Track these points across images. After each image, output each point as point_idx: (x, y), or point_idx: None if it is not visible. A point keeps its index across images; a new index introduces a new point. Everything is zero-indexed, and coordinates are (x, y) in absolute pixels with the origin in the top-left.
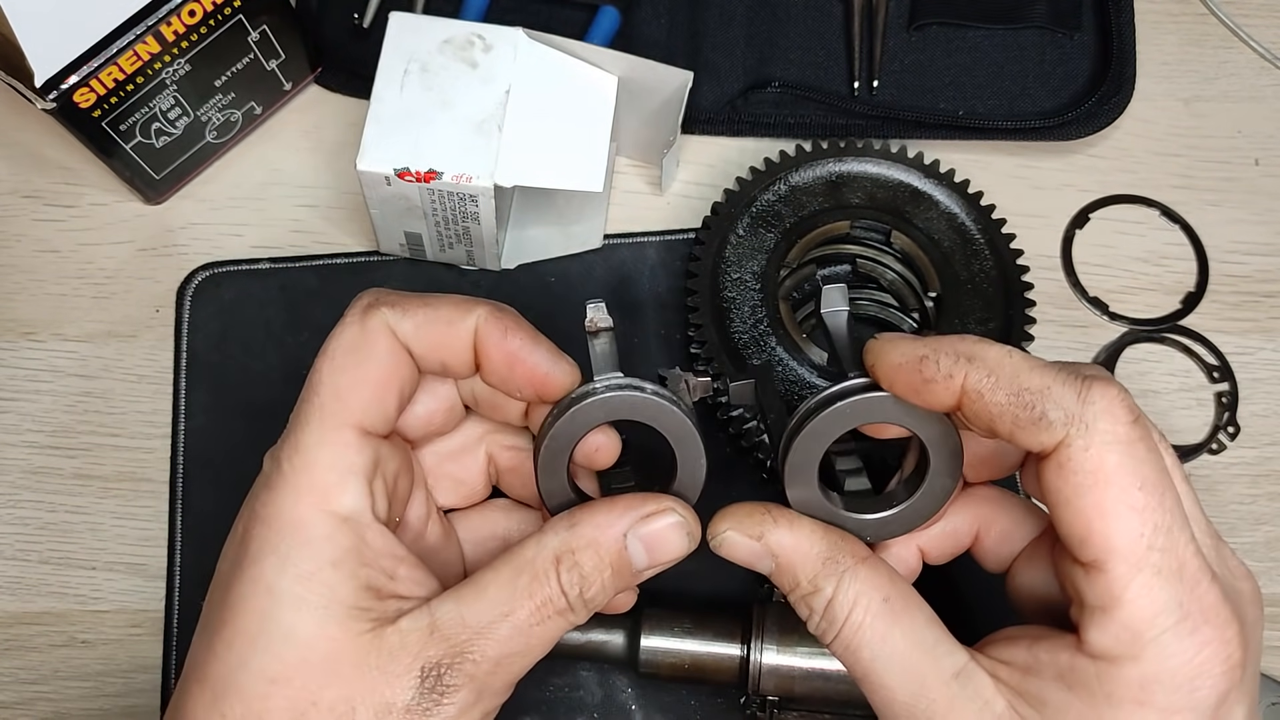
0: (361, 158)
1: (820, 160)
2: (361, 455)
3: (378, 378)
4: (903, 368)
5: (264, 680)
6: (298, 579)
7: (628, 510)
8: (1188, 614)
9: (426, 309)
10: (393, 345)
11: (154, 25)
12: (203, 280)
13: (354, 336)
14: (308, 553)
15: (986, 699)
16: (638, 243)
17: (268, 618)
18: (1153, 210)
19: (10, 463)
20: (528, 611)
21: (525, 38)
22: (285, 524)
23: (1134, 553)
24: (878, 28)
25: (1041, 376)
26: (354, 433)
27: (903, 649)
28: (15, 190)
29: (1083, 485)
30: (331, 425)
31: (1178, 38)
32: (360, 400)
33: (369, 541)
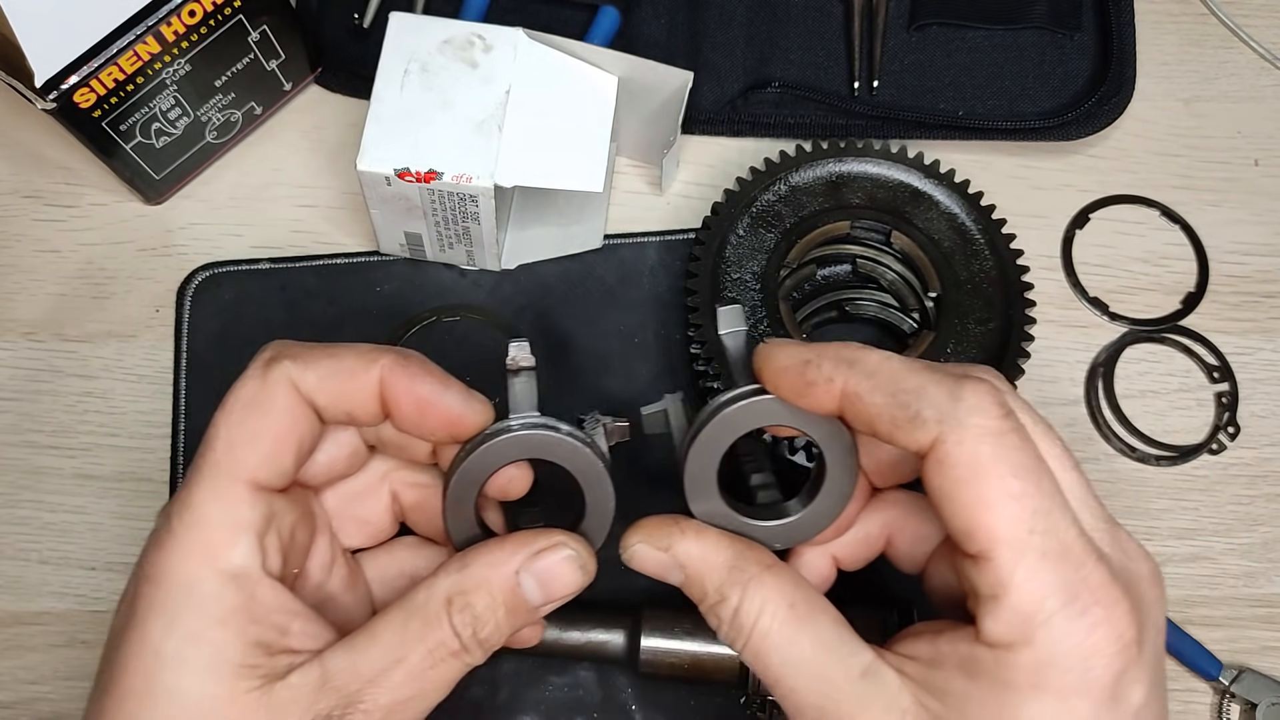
0: (362, 158)
1: (820, 160)
2: (254, 511)
3: (275, 433)
4: (787, 371)
5: None
6: (184, 639)
7: (519, 548)
8: (1075, 595)
9: (330, 360)
10: (293, 399)
11: (154, 25)
12: (203, 280)
13: (253, 390)
14: (194, 612)
15: (892, 694)
16: (638, 243)
17: (153, 679)
18: (1153, 210)
19: (10, 462)
20: (420, 656)
21: (525, 38)
22: (172, 583)
23: (1016, 538)
24: (878, 28)
25: (917, 378)
26: (246, 489)
27: (810, 652)
28: (15, 190)
29: (960, 479)
30: (224, 481)
31: (1178, 38)
32: (255, 456)
33: (259, 598)
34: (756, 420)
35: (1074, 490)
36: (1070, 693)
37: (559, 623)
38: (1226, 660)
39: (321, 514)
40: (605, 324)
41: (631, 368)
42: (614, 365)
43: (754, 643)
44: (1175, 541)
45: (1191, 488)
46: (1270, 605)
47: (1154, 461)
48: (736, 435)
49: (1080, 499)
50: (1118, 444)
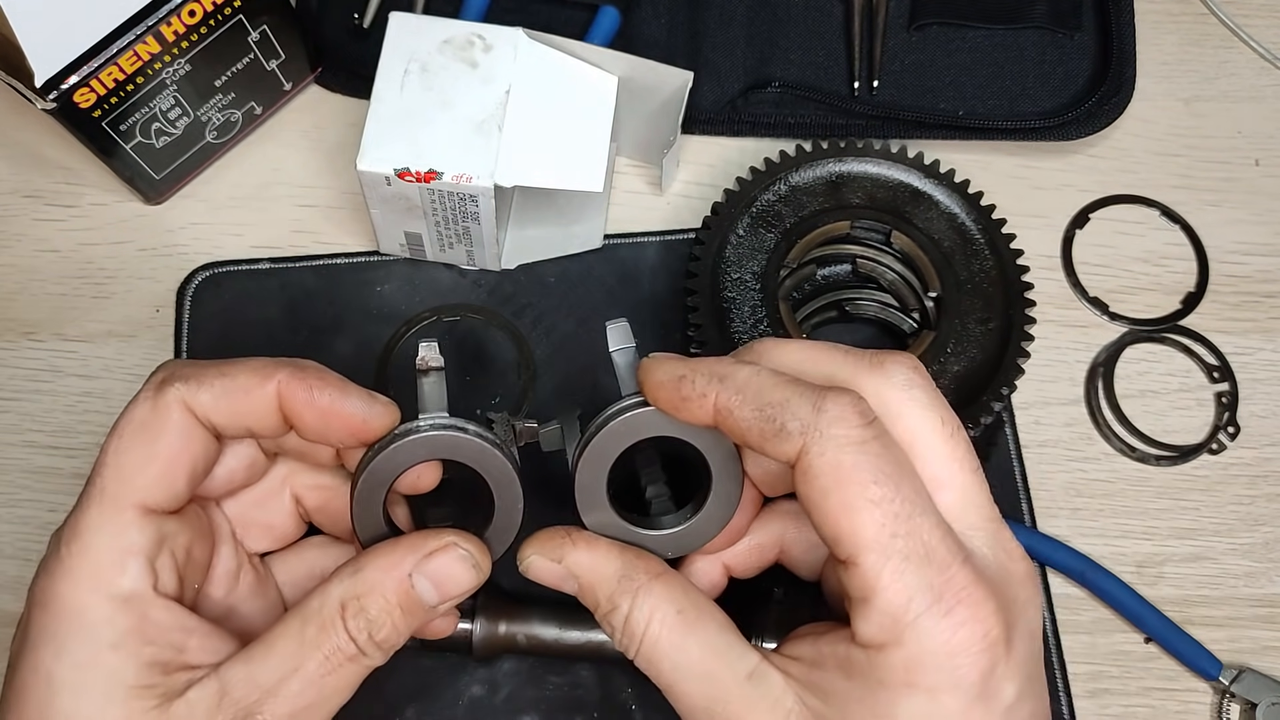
0: (361, 158)
1: (820, 160)
2: (142, 535)
3: (166, 456)
4: (663, 386)
5: None
6: (74, 666)
7: (411, 550)
8: (940, 596)
9: (223, 379)
10: (185, 421)
11: (154, 25)
12: (203, 280)
13: (144, 414)
14: (84, 638)
15: (777, 695)
16: (638, 243)
17: (47, 706)
18: (1153, 210)
19: (10, 462)
20: (317, 663)
21: (525, 38)
22: (62, 610)
23: (879, 542)
24: (878, 28)
25: (782, 391)
26: (135, 513)
27: (697, 656)
28: (16, 190)
29: (825, 488)
30: (111, 507)
31: (1178, 38)
32: (144, 480)
33: (152, 618)
34: (641, 431)
35: (964, 490)
36: (940, 690)
37: (559, 622)
38: (1226, 660)
39: (224, 523)
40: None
41: None
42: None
43: (645, 649)
44: (1175, 541)
45: (1191, 488)
46: (1270, 605)
47: (1154, 461)
48: (623, 446)
49: (967, 499)
50: (1118, 444)
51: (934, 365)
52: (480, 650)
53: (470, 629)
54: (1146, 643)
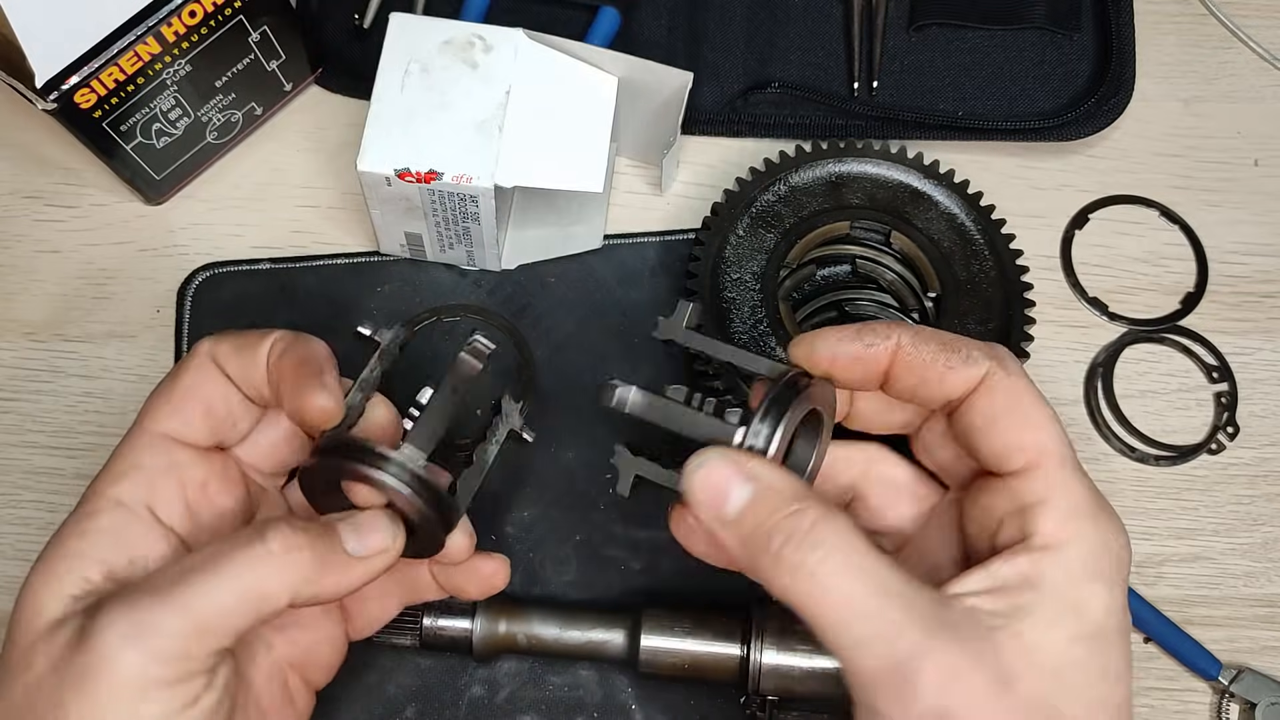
0: (362, 158)
1: (820, 161)
2: (151, 455)
3: (182, 390)
4: (843, 340)
5: None
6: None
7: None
8: (1097, 498)
9: (239, 336)
10: (205, 368)
11: (155, 26)
12: (203, 281)
13: (178, 364)
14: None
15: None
16: (638, 243)
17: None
18: (1152, 211)
19: (11, 463)
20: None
21: (525, 38)
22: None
23: (1060, 451)
24: (877, 28)
25: (952, 334)
26: (149, 436)
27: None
28: (16, 191)
29: (1010, 405)
30: (134, 431)
31: (1177, 38)
32: (160, 408)
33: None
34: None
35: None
36: (1115, 581)
37: (559, 622)
38: (1226, 660)
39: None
40: (605, 324)
41: (632, 368)
42: (614, 365)
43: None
44: (1175, 541)
45: (1191, 488)
46: (1270, 605)
47: (1153, 461)
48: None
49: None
50: (1117, 444)
51: None
52: (480, 650)
53: (470, 629)
54: (1146, 643)
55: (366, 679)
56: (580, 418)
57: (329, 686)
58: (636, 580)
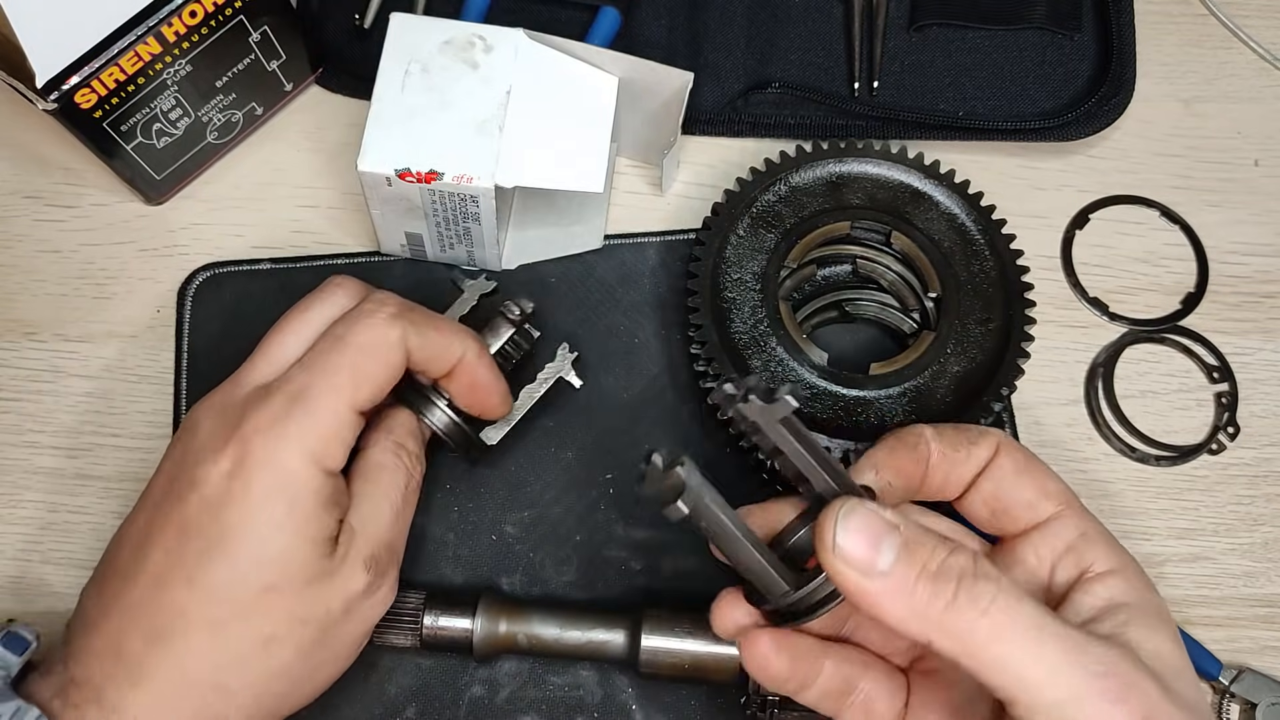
0: (362, 158)
1: (820, 161)
2: (353, 431)
3: (386, 378)
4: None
5: (259, 587)
6: (285, 513)
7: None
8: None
9: (435, 333)
10: (402, 355)
11: (155, 26)
12: (204, 280)
13: (380, 336)
14: (296, 496)
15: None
16: (638, 243)
17: (267, 542)
18: (1152, 211)
19: (11, 463)
20: (397, 491)
21: (526, 39)
22: (281, 470)
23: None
24: (878, 28)
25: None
26: (353, 413)
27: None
28: (17, 191)
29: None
30: (342, 402)
31: (1178, 38)
32: (369, 392)
33: (337, 491)
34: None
35: None
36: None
37: (559, 622)
38: (1226, 660)
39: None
40: (605, 324)
41: (631, 368)
42: (614, 365)
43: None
44: (1175, 541)
45: (1191, 488)
46: (1270, 605)
47: (1154, 462)
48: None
49: None
50: (1117, 444)
51: (934, 365)
52: (480, 650)
53: (471, 629)
54: None
55: (367, 679)
56: (580, 418)
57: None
58: (637, 580)
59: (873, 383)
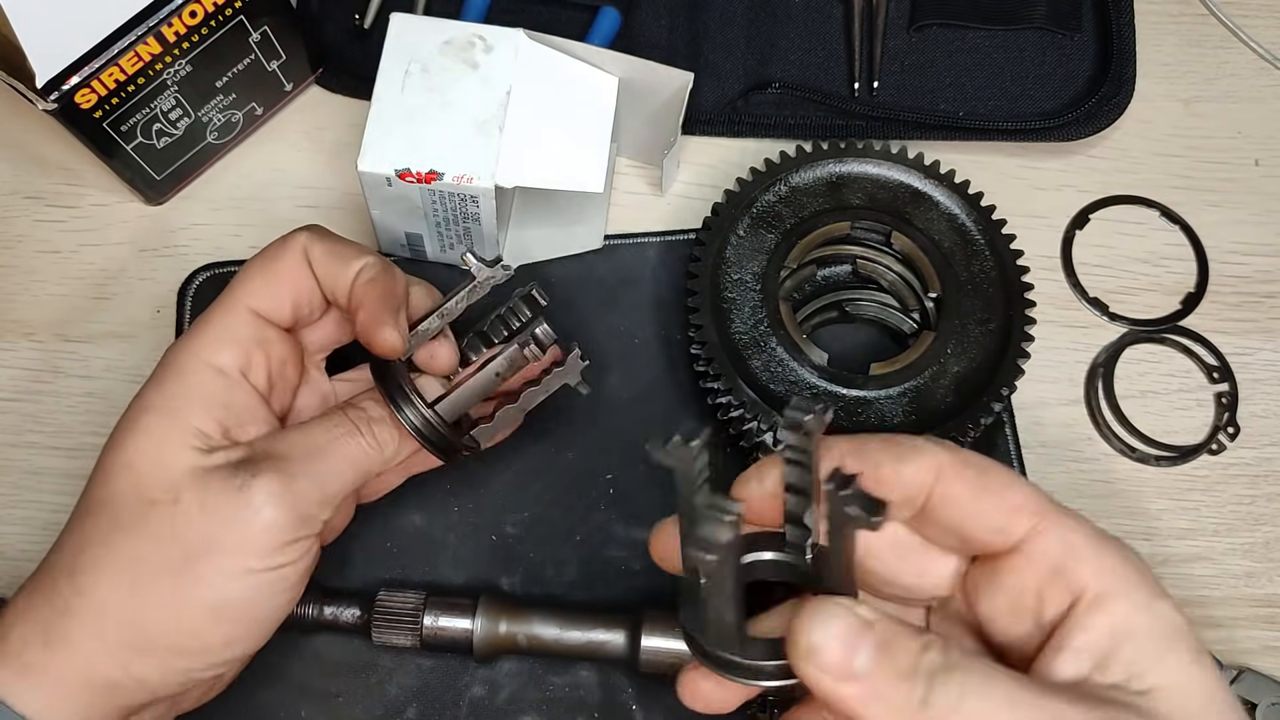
0: (362, 158)
1: (820, 161)
2: (246, 329)
3: (276, 275)
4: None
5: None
6: (164, 402)
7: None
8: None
9: (334, 243)
10: (299, 259)
11: (155, 26)
12: (204, 281)
13: (274, 248)
14: (179, 387)
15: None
16: (638, 243)
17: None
18: (1152, 211)
19: (11, 463)
20: (322, 429)
21: (526, 39)
22: (172, 365)
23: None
24: (878, 29)
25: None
26: (247, 313)
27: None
28: (16, 191)
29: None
30: (230, 304)
31: (1178, 38)
32: (257, 288)
33: (232, 393)
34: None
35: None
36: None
37: (559, 622)
38: (1226, 660)
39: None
40: (605, 324)
41: (631, 368)
42: (614, 365)
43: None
44: (1175, 541)
45: (1191, 488)
46: (1270, 605)
47: (1154, 462)
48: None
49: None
50: (1117, 444)
51: (934, 366)
52: (481, 650)
53: (470, 629)
54: None
55: (367, 679)
56: (580, 418)
57: (331, 686)
58: (637, 580)
59: (873, 383)
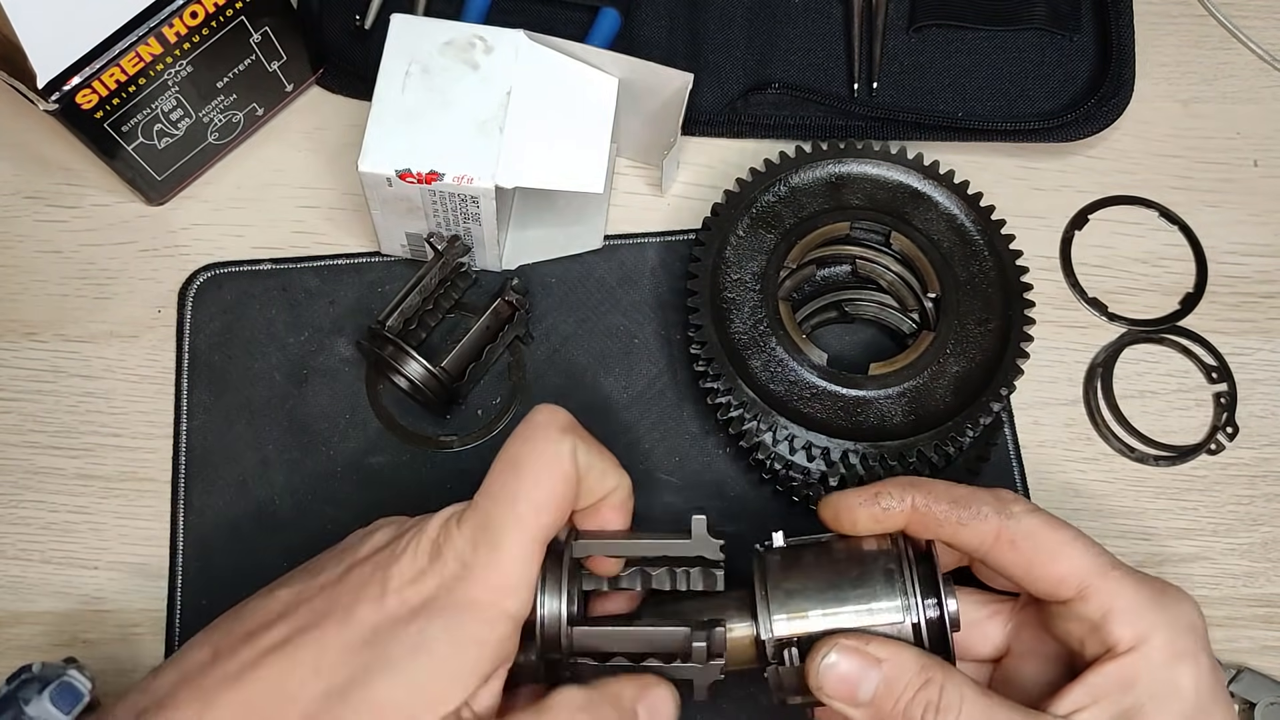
0: (363, 159)
1: (820, 161)
2: (537, 568)
3: (565, 499)
4: (863, 504)
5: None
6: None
7: (637, 683)
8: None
9: (599, 457)
10: (574, 473)
11: (156, 27)
12: (204, 281)
13: (552, 458)
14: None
15: None
16: (638, 243)
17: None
18: (1151, 211)
19: (12, 463)
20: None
21: (526, 39)
22: (465, 602)
23: (1098, 563)
24: (877, 29)
25: (962, 490)
26: (538, 547)
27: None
28: (18, 191)
29: (1033, 549)
30: (527, 536)
31: (1177, 39)
32: (549, 520)
33: (510, 643)
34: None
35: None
36: (1198, 652)
37: None
38: (1225, 660)
39: None
40: (605, 324)
41: (631, 368)
42: (614, 365)
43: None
44: (1174, 541)
45: (1190, 488)
46: (1269, 605)
47: (1153, 462)
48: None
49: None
50: (1116, 444)
51: (933, 366)
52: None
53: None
54: None
55: None
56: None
57: None
58: None
59: (872, 383)
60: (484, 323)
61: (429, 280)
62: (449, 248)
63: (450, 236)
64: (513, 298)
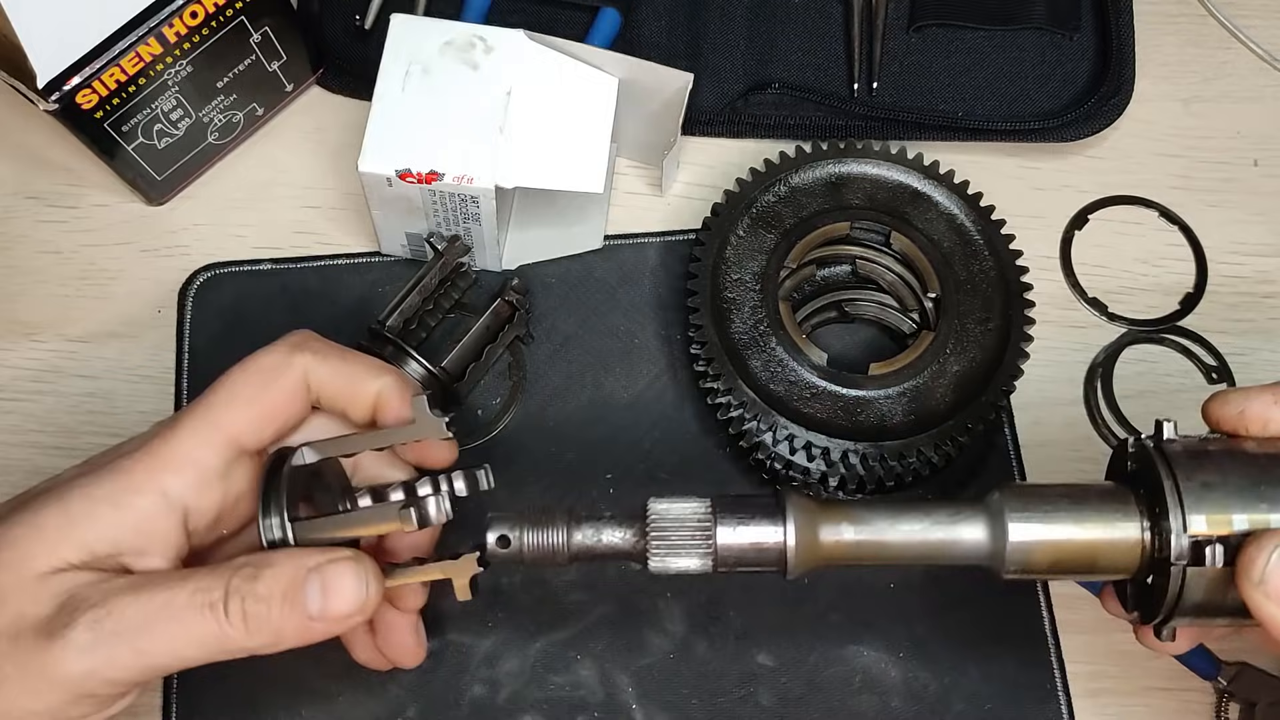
0: (363, 159)
1: (820, 161)
2: (217, 458)
3: (271, 405)
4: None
5: None
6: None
7: (321, 553)
8: None
9: (343, 364)
10: (299, 385)
11: (156, 27)
12: (205, 281)
13: (271, 363)
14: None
15: None
16: (638, 243)
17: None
18: (1151, 211)
19: (13, 464)
20: (186, 593)
21: (526, 39)
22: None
23: None
24: (877, 29)
25: None
26: (223, 440)
27: None
28: (18, 191)
29: None
30: (207, 424)
31: (1177, 39)
32: (245, 417)
33: (154, 522)
34: None
35: None
36: None
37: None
38: (1225, 658)
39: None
40: (605, 324)
41: (632, 368)
42: (614, 365)
43: None
44: None
45: None
46: None
47: None
48: None
49: None
50: (1116, 444)
51: (933, 365)
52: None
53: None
54: None
55: (367, 679)
56: (580, 418)
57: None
58: (637, 579)
59: (872, 383)
60: (484, 323)
61: (429, 280)
62: (449, 248)
63: (450, 236)
64: (513, 298)
